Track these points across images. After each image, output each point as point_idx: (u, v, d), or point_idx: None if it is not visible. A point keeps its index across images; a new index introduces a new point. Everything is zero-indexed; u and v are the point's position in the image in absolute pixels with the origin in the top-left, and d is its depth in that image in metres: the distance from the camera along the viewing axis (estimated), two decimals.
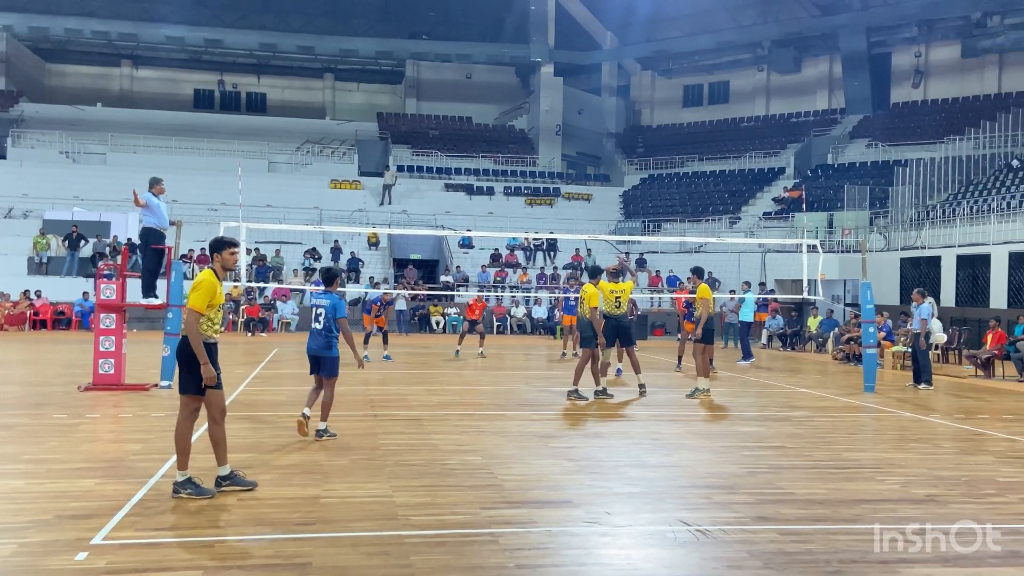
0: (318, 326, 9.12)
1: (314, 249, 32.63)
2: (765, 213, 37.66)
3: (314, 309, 9.24)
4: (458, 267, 32.94)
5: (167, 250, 13.43)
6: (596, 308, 12.68)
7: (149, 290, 13.32)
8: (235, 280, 25.65)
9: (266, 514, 6.16)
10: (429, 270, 34.99)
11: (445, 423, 10.36)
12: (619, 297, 13.20)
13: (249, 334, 26.70)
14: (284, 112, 50.69)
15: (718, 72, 50.11)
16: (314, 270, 30.14)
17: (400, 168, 43.00)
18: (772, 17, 46.05)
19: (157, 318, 22.37)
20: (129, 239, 26.18)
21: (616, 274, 13.93)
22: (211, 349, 6.62)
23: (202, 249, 30.10)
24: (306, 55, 49.99)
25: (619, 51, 50.56)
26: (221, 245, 6.87)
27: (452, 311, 30.21)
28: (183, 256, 25.96)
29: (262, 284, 27.27)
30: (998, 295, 24.13)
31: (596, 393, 12.86)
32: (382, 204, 38.18)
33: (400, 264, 33.93)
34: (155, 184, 13.18)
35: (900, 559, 5.40)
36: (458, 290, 30.33)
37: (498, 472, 7.63)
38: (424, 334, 29.83)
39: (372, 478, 7.32)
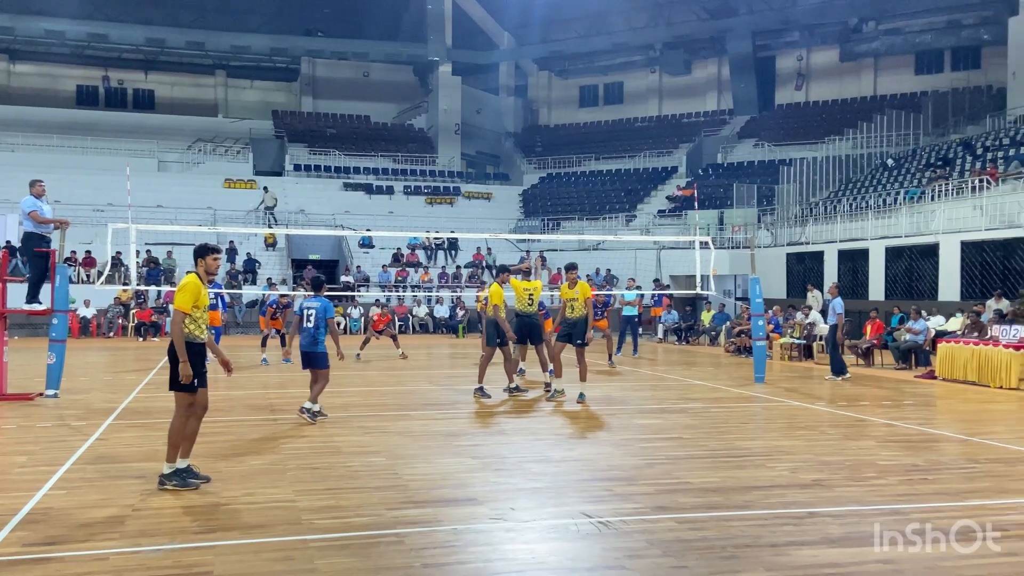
0: (309, 325, 10.39)
1: None
2: (659, 211, 38.61)
3: (305, 311, 10.48)
4: (358, 267, 32.59)
5: (51, 253, 12.86)
6: (498, 307, 12.78)
7: (33, 296, 12.75)
8: (124, 283, 24.84)
9: (163, 523, 6.00)
10: (329, 271, 34.46)
11: (348, 425, 10.28)
12: (532, 295, 13.30)
13: (140, 339, 25.79)
14: (174, 109, 49.00)
15: (612, 73, 51.13)
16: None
17: (297, 167, 42.26)
18: (663, 20, 47.26)
19: (41, 324, 21.36)
20: (8, 242, 24.88)
21: (528, 273, 14.15)
22: (198, 349, 6.95)
23: (87, 252, 28.91)
24: (196, 51, 48.50)
25: (516, 51, 50.99)
26: (205, 251, 7.22)
27: (354, 312, 29.84)
28: (67, 259, 24.98)
29: (154, 287, 26.33)
30: (876, 287, 25.43)
31: (506, 390, 12.97)
32: (269, 226, 34.47)
33: (299, 265, 33.32)
34: (34, 185, 12.61)
35: (790, 542, 5.66)
36: (359, 290, 29.99)
37: (402, 472, 7.63)
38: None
39: (274, 483, 7.22)
